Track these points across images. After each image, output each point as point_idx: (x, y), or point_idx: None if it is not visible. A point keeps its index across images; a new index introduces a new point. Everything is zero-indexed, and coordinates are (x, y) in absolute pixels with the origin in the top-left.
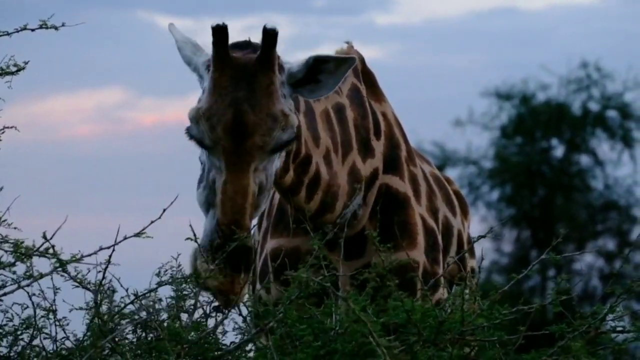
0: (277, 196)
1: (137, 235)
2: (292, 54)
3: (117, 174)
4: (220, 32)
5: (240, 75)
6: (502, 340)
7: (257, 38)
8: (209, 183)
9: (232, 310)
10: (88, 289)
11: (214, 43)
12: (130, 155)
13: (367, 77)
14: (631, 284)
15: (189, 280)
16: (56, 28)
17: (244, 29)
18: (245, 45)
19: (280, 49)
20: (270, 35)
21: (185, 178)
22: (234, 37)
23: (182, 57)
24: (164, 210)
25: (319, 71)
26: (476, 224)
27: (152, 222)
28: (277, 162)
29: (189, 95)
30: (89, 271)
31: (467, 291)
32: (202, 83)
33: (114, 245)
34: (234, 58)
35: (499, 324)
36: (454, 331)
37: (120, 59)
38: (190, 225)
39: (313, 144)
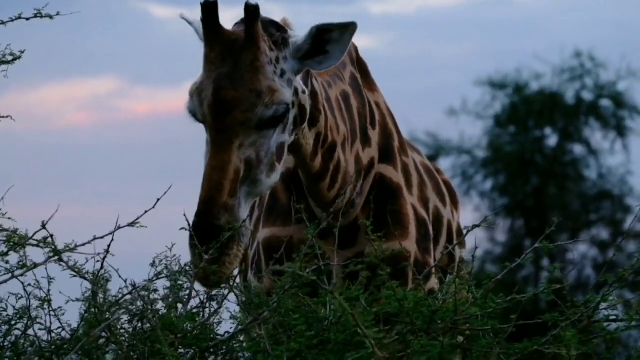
0: None
1: (131, 225)
2: None
3: (111, 163)
4: (209, 8)
5: (228, 51)
6: (495, 329)
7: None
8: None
9: (227, 300)
10: (86, 279)
11: (203, 20)
12: (124, 144)
13: (361, 66)
14: (623, 273)
15: (183, 271)
16: (51, 17)
17: (238, 18)
18: None
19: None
20: (251, 10)
21: (179, 167)
22: (226, 25)
23: (200, 38)
24: (158, 199)
25: (325, 41)
26: (469, 214)
27: (146, 211)
28: (284, 137)
29: (183, 84)
30: (87, 261)
31: (458, 280)
32: None
33: (107, 235)
34: (226, 33)
35: (492, 313)
36: (447, 320)
37: (114, 47)
38: (185, 215)
39: (336, 132)
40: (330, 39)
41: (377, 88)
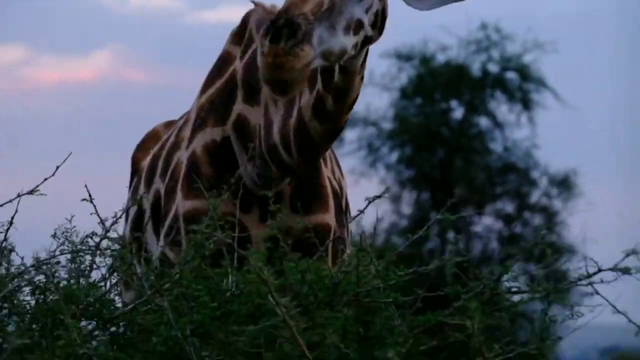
0: (184, 159)
1: (31, 192)
2: None
3: (17, 132)
4: None
5: None
6: (398, 302)
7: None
8: None
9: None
10: None
11: None
12: (30, 113)
13: None
14: (527, 245)
15: (84, 245)
16: None
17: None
18: None
19: None
20: None
21: (85, 137)
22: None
23: None
24: (57, 167)
25: None
26: (375, 186)
27: (45, 179)
28: (362, 14)
29: (91, 53)
30: None
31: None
32: None
33: (7, 203)
34: None
35: (395, 285)
36: (349, 292)
37: (22, 16)
38: (86, 186)
39: None
40: None
41: None
